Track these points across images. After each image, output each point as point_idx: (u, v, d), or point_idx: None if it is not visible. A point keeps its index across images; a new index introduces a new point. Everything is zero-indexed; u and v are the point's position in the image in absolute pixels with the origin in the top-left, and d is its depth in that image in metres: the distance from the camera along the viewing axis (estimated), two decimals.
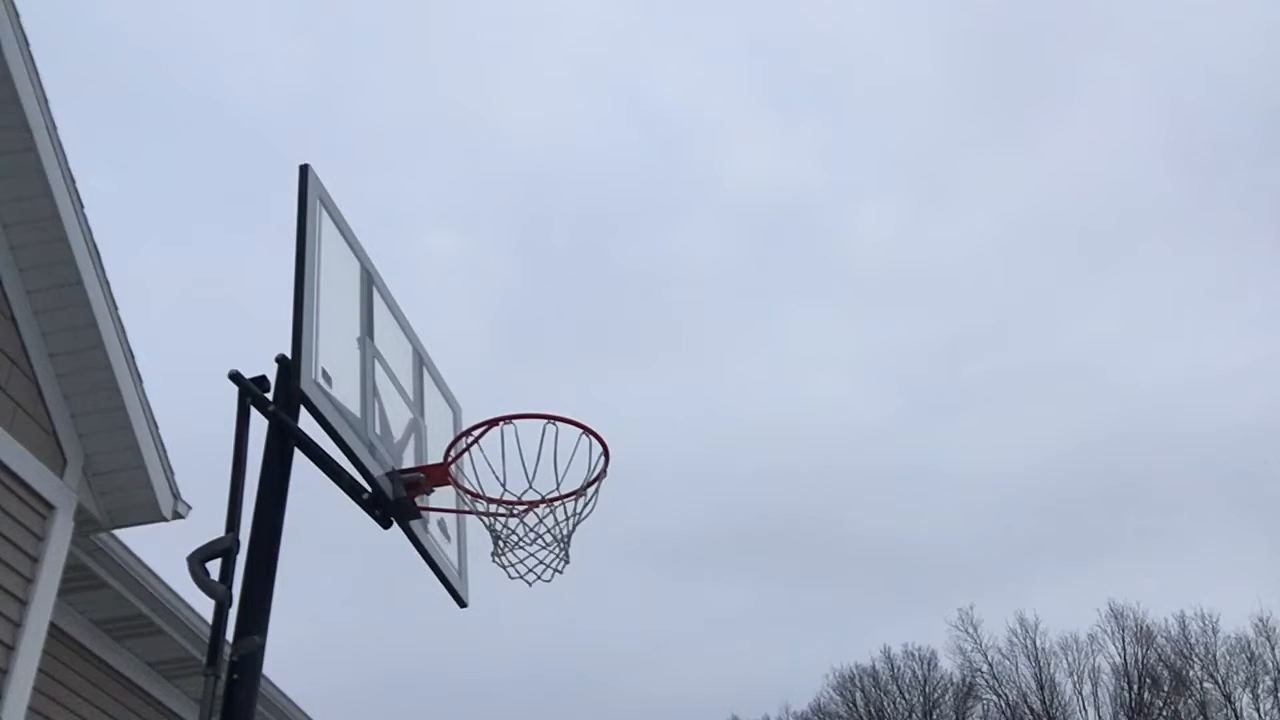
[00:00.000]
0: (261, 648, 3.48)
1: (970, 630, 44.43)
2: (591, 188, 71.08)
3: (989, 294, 62.21)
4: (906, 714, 45.12)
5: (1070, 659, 43.33)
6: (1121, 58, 61.22)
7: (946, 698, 44.92)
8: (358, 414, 3.99)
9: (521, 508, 4.09)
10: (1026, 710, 43.11)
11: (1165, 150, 62.95)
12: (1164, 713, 41.48)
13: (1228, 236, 60.70)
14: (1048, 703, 42.90)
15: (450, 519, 4.67)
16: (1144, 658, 42.26)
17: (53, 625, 6.03)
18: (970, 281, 62.58)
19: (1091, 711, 42.62)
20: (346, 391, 3.95)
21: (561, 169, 71.87)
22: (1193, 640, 41.75)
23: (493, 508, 4.12)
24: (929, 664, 45.38)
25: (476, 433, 4.11)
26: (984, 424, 57.78)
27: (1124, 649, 42.53)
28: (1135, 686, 41.91)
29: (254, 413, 3.82)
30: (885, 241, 65.39)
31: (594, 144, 72.29)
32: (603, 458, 4.11)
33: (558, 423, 4.04)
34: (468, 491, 4.20)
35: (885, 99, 66.19)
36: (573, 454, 4.06)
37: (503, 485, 4.05)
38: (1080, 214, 61.54)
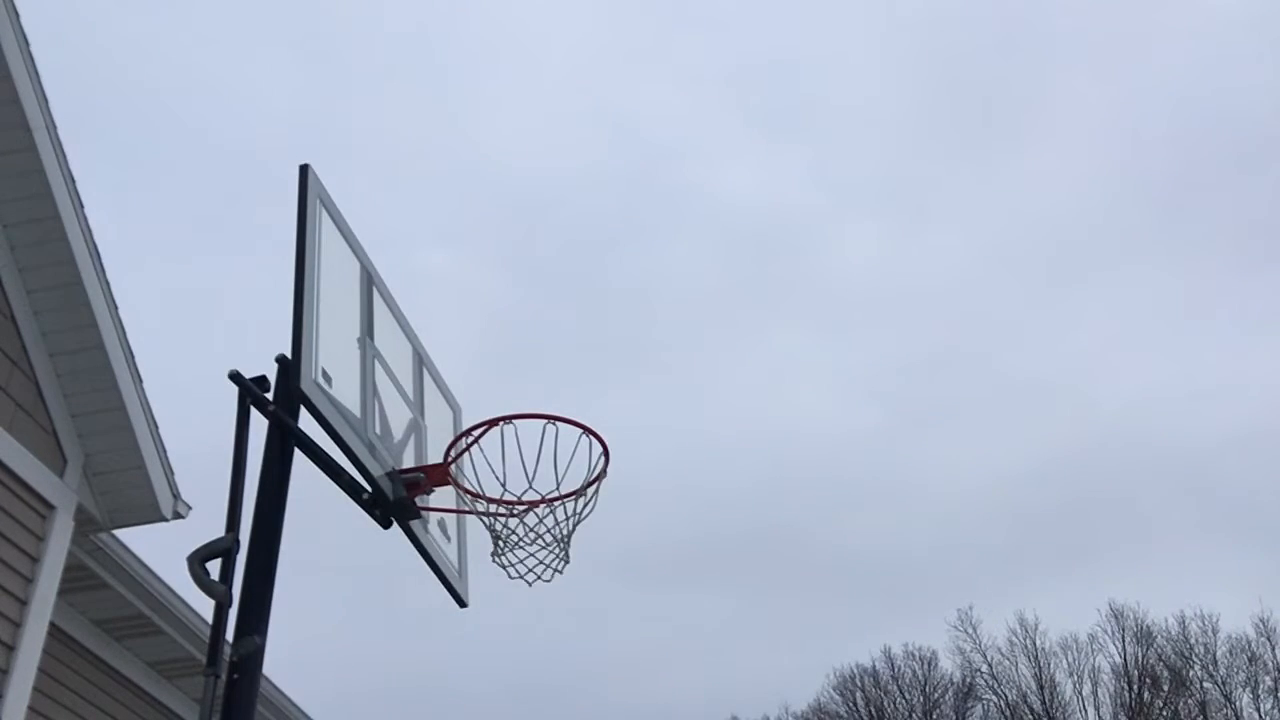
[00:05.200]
0: (261, 648, 3.48)
1: (970, 630, 44.49)
2: (581, 208, 71.92)
3: (971, 310, 62.95)
4: (906, 714, 45.12)
5: (1070, 659, 43.37)
6: (1093, 81, 62.04)
7: (946, 698, 44.93)
8: (358, 414, 3.99)
9: (521, 508, 4.09)
10: (1026, 710, 43.10)
11: (1137, 171, 63.59)
12: (1164, 713, 41.47)
13: (1197, 256, 61.72)
14: (1048, 703, 42.90)
15: (450, 519, 4.67)
16: (1144, 658, 42.27)
17: (53, 625, 6.03)
18: (952, 298, 63.18)
19: (1091, 711, 42.66)
20: (346, 391, 3.95)
21: (551, 190, 72.60)
22: (1193, 640, 41.80)
23: (493, 508, 4.12)
24: (929, 664, 45.42)
25: (476, 433, 4.10)
26: (970, 435, 58.46)
27: (1124, 649, 42.57)
28: (1135, 686, 41.90)
29: (254, 413, 3.82)
30: (866, 260, 66.31)
31: (583, 166, 73.48)
32: (603, 458, 4.10)
33: (558, 423, 4.04)
34: (468, 491, 4.20)
35: (865, 122, 67.24)
36: (573, 454, 4.06)
37: (503, 485, 4.05)
38: (1055, 233, 62.32)
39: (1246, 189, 59.15)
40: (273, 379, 3.87)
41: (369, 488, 3.92)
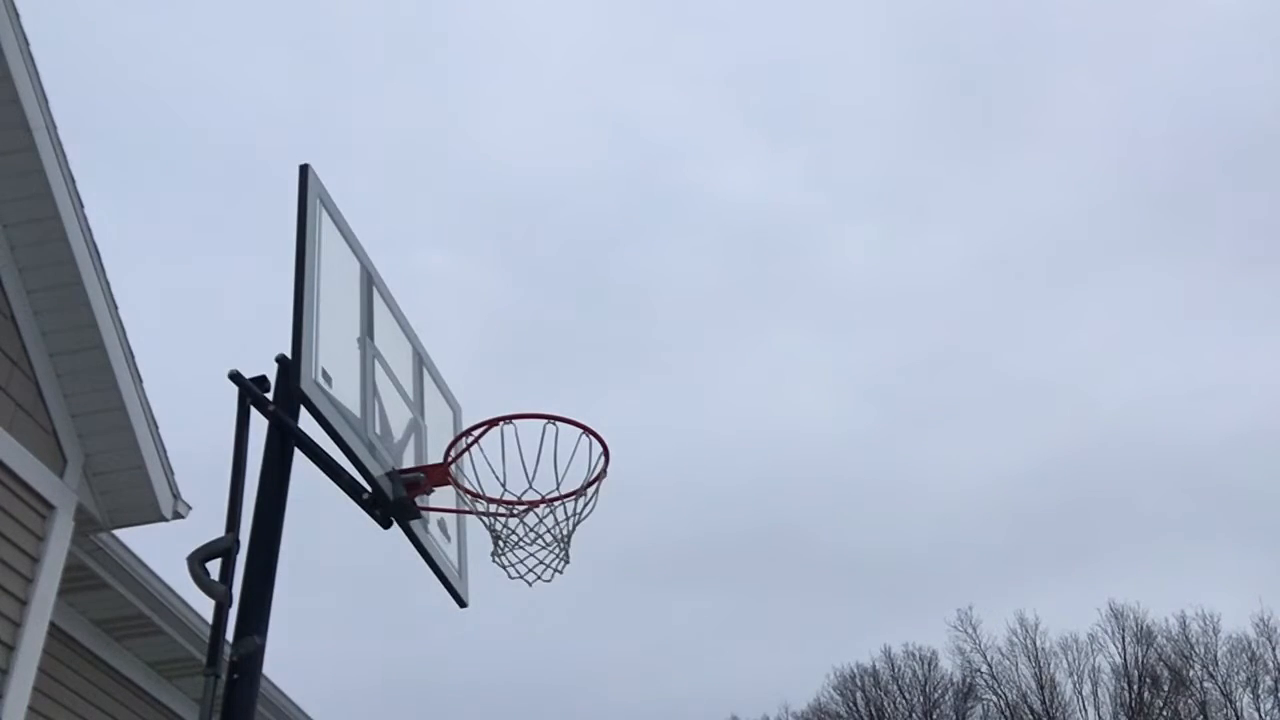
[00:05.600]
0: (261, 648, 3.48)
1: (970, 630, 44.49)
2: (581, 208, 72.08)
3: (971, 310, 63.14)
4: (906, 714, 45.12)
5: (1070, 659, 43.36)
6: (1093, 81, 62.12)
7: (946, 698, 44.92)
8: (358, 414, 3.99)
9: (521, 508, 4.09)
10: (1026, 710, 43.10)
11: (1136, 171, 63.58)
12: (1164, 713, 41.47)
13: (1197, 256, 62.02)
14: (1048, 703, 42.89)
15: (450, 519, 4.67)
16: (1144, 658, 42.28)
17: (53, 625, 6.03)
18: (952, 298, 63.30)
19: (1091, 711, 42.66)
20: (346, 391, 3.95)
21: (551, 190, 72.72)
22: (1193, 640, 41.81)
23: (493, 508, 4.12)
24: (929, 664, 45.41)
25: (476, 433, 4.11)
26: (970, 435, 58.66)
27: (1124, 649, 42.57)
28: (1135, 686, 41.91)
29: (254, 413, 3.82)
30: (865, 260, 66.53)
31: (583, 166, 73.74)
32: (603, 458, 4.11)
33: (558, 423, 4.04)
34: (468, 491, 4.20)
35: (865, 122, 67.37)
36: (573, 454, 4.06)
37: (503, 485, 4.05)
38: (1055, 233, 62.52)
39: (1246, 189, 59.26)
40: (273, 379, 3.87)
41: (369, 488, 3.92)
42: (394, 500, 3.97)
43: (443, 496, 4.43)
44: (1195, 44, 61.54)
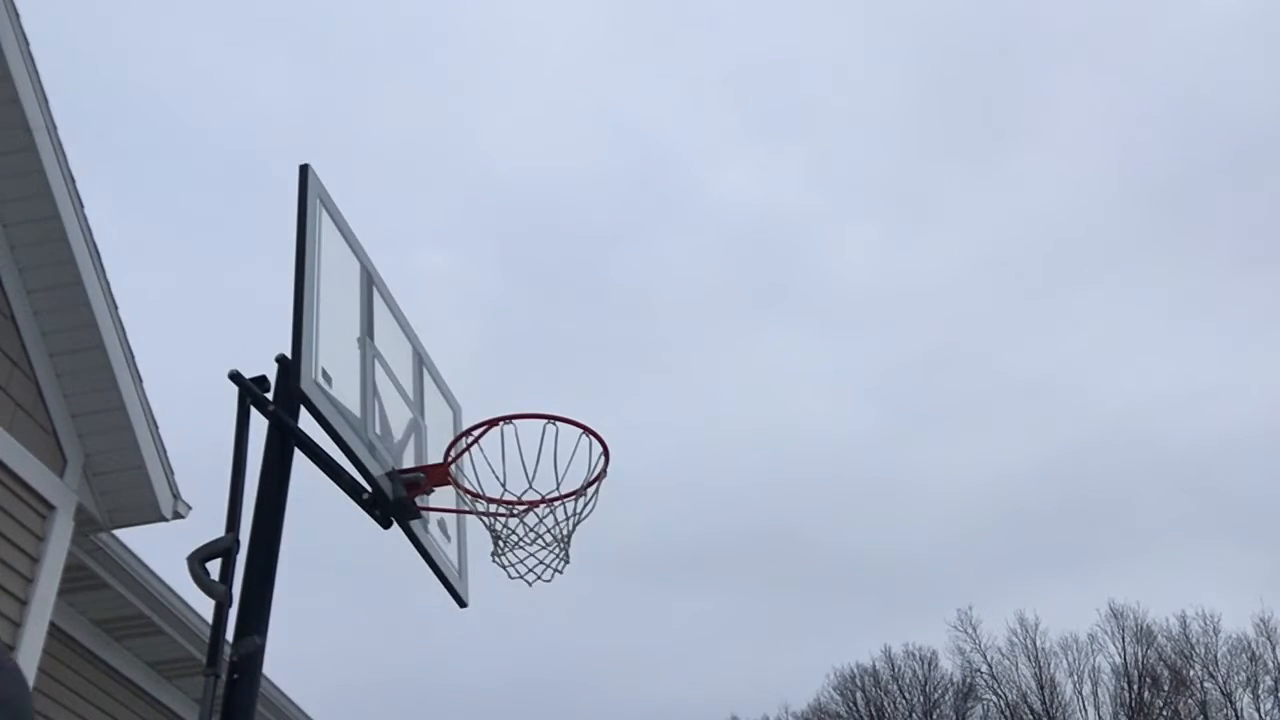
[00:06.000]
0: (261, 648, 3.48)
1: (970, 630, 44.51)
2: (581, 208, 72.09)
3: (971, 310, 63.21)
4: (906, 714, 45.13)
5: (1070, 659, 43.39)
6: (1092, 83, 62.14)
7: (947, 698, 44.95)
8: (358, 414, 3.99)
9: (521, 508, 4.09)
10: (1026, 710, 43.11)
11: (1136, 171, 63.58)
12: (1164, 713, 41.48)
13: (1197, 257, 62.26)
14: (1048, 703, 42.91)
15: (450, 519, 4.67)
16: (1144, 658, 42.30)
17: (53, 625, 6.03)
18: (951, 298, 63.36)
19: (1091, 711, 42.68)
20: (346, 391, 3.95)
21: (551, 189, 72.69)
22: (1193, 640, 41.82)
23: (493, 508, 4.12)
24: (929, 664, 45.44)
25: (476, 433, 4.11)
26: (970, 435, 58.77)
27: (1124, 649, 42.59)
28: (1135, 686, 41.92)
29: (254, 413, 3.82)
30: (865, 260, 66.60)
31: (583, 166, 73.79)
32: (603, 457, 4.11)
33: (558, 422, 4.04)
34: (468, 491, 4.20)
35: (864, 123, 67.34)
36: (573, 454, 4.06)
37: (503, 485, 4.05)
38: (1054, 232, 62.68)
39: (1246, 189, 59.27)
40: (273, 379, 3.87)
41: (369, 488, 3.92)
42: (394, 500, 3.97)
43: (443, 496, 4.43)
44: (1194, 44, 61.69)
